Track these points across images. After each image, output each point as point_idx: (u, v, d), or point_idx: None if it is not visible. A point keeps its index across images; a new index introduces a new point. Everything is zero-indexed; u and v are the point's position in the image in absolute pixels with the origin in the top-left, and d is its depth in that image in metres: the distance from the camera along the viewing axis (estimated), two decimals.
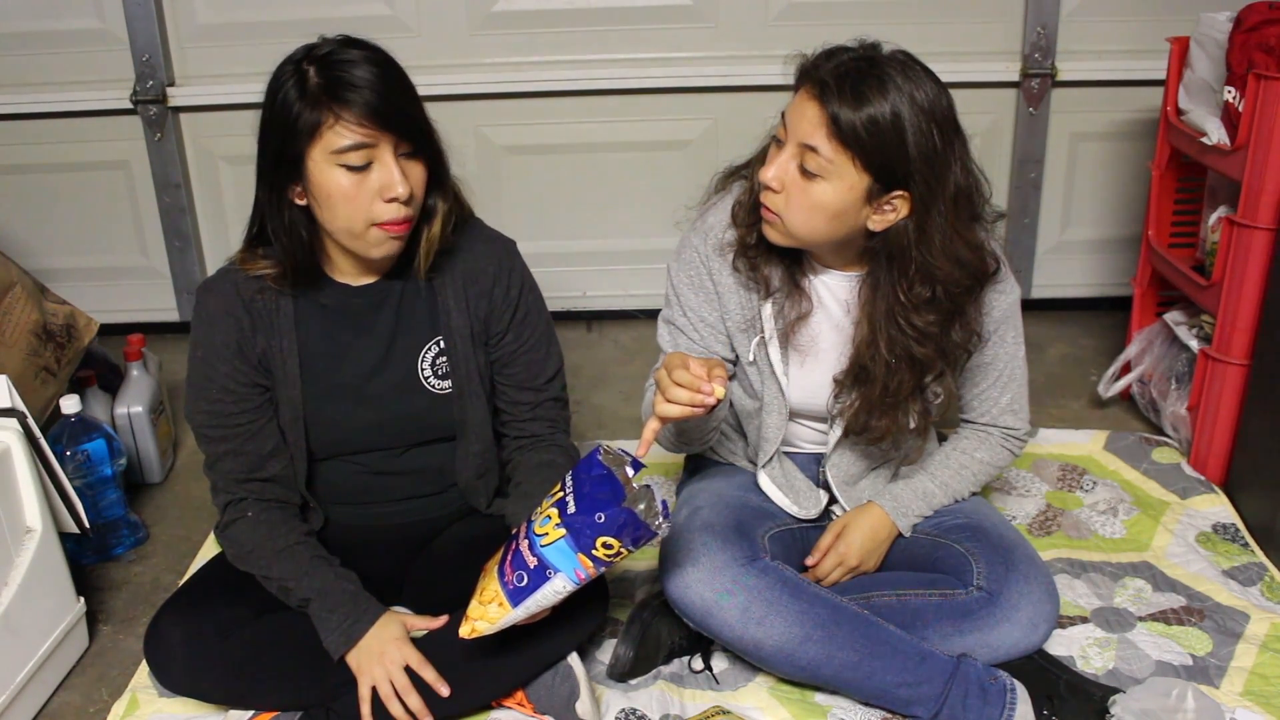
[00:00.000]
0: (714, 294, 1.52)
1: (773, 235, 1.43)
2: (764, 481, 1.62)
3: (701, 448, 1.56)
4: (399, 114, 1.34)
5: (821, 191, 1.35)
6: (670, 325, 1.57)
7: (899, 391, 1.47)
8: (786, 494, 1.62)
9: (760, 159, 1.46)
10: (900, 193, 1.35)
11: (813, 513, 1.62)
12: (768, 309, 1.51)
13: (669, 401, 1.27)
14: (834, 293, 1.51)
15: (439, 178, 1.44)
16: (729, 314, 1.53)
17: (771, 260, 1.49)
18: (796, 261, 1.49)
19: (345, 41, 1.36)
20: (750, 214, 1.47)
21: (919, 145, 1.31)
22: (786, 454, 1.64)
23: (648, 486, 1.25)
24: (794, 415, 1.60)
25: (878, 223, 1.38)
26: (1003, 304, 1.51)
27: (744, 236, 1.48)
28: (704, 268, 1.52)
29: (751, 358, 1.54)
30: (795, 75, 1.39)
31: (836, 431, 1.57)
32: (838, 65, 1.33)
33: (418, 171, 1.38)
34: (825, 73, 1.33)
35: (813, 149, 1.33)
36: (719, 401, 1.27)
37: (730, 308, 1.53)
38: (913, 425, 1.53)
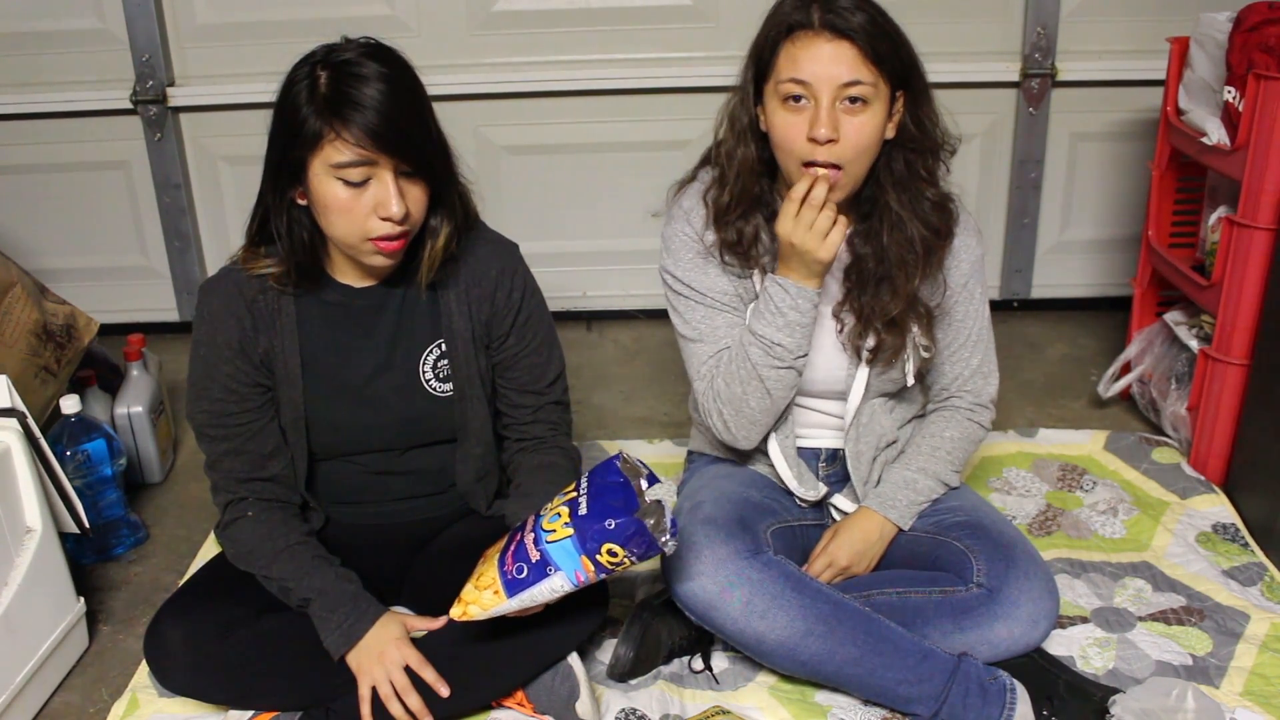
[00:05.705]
0: (718, 263, 1.54)
1: (836, 194, 1.42)
2: (773, 448, 1.61)
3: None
4: (400, 137, 1.32)
5: (868, 119, 1.39)
6: (689, 318, 1.56)
7: (908, 277, 1.48)
8: (792, 468, 1.61)
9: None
10: (899, 92, 1.41)
11: (811, 495, 1.62)
12: (756, 276, 1.53)
13: None
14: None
15: (444, 198, 1.43)
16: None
17: (759, 246, 1.51)
18: None
19: (365, 50, 1.34)
20: (735, 209, 1.49)
21: (897, 30, 1.38)
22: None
23: (659, 502, 1.25)
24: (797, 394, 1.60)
25: (891, 129, 1.43)
26: (971, 256, 1.56)
27: (728, 237, 1.50)
28: (700, 244, 1.54)
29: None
30: (772, 35, 1.41)
31: (861, 377, 1.56)
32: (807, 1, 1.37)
33: (417, 192, 1.37)
34: (812, 11, 1.36)
35: (854, 82, 1.36)
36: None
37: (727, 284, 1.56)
38: (910, 382, 1.56)
